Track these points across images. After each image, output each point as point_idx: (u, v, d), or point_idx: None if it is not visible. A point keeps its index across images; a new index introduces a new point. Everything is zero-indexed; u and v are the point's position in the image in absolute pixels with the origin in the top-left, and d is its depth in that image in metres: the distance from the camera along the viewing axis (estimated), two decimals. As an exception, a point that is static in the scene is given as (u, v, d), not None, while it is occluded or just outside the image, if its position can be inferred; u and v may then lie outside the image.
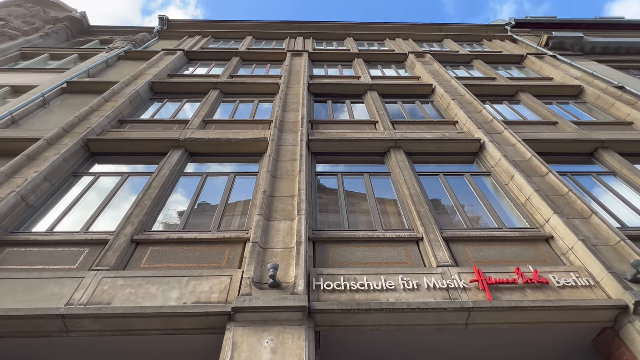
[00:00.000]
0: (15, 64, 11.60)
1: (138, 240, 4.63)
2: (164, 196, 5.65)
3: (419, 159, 6.93)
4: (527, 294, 4.02)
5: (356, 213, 5.61)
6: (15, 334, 3.57)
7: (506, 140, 6.96)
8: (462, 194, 6.08)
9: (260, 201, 4.97)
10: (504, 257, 4.63)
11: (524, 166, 6.12)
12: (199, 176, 6.31)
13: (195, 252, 4.52)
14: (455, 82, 9.69)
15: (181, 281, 3.96)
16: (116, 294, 3.81)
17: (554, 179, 5.69)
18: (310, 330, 3.52)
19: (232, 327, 3.45)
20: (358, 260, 4.53)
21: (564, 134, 7.41)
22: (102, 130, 7.07)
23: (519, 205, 5.63)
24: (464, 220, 5.42)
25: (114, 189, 5.86)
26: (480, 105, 8.26)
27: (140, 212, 5.04)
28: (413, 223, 5.19)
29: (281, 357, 3.21)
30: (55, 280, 3.95)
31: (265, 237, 4.50)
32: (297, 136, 6.88)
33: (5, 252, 4.44)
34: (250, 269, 3.95)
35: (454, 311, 3.74)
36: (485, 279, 4.09)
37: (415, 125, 7.97)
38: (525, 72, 11.96)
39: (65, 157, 6.04)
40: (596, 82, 9.90)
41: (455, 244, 4.82)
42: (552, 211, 4.98)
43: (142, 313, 3.54)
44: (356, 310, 3.67)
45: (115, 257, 4.27)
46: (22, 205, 5.08)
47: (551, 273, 4.27)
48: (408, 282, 4.07)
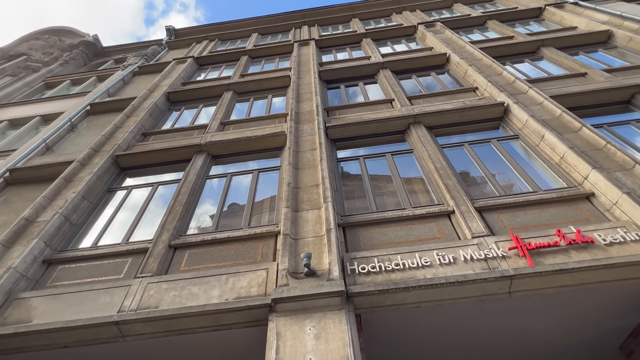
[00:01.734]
0: (41, 94, 12.22)
1: (175, 245, 4.81)
2: (193, 200, 5.83)
3: (440, 131, 6.73)
4: (572, 255, 3.85)
5: (382, 195, 5.55)
6: (77, 343, 3.84)
7: (532, 99, 6.61)
8: (491, 161, 5.87)
9: (286, 193, 5.01)
10: (542, 221, 4.44)
11: (554, 124, 5.80)
12: (224, 177, 6.45)
13: (230, 250, 4.65)
14: (470, 46, 9.27)
15: (220, 279, 4.10)
16: (162, 297, 4.00)
17: (589, 132, 5.37)
18: (351, 314, 3.55)
19: (274, 318, 3.54)
20: (390, 241, 4.50)
21: (595, 84, 6.94)
22: (127, 145, 7.35)
23: (552, 165, 5.37)
24: (495, 188, 5.24)
25: (146, 199, 6.10)
26: (500, 67, 7.88)
27: (174, 218, 5.23)
28: (442, 197, 5.08)
29: (325, 341, 3.27)
30: (105, 290, 4.20)
31: (295, 228, 4.55)
32: (313, 125, 6.86)
33: (58, 270, 4.76)
34: (284, 260, 4.02)
35: (494, 280, 3.65)
36: (524, 245, 3.95)
37: (433, 97, 7.72)
38: (545, 25, 11.25)
39: (98, 175, 6.35)
40: (626, 24, 9.15)
41: (488, 213, 4.67)
42: (590, 166, 4.71)
43: (188, 313, 3.70)
44: (393, 289, 3.66)
45: (156, 263, 4.47)
46: (67, 224, 5.40)
47: (595, 231, 4.06)
48: (443, 256, 4.01)
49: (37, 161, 7.21)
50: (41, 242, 4.90)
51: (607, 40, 9.11)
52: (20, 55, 14.37)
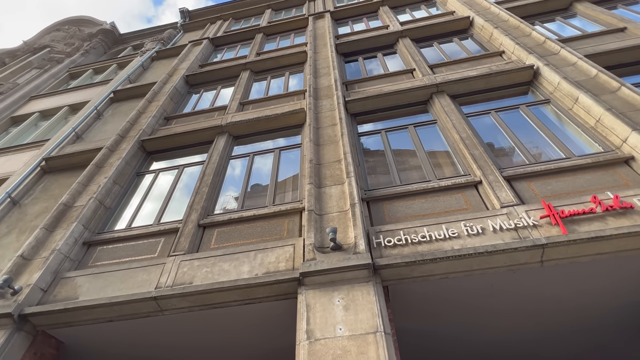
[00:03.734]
0: (67, 85, 12.59)
1: (204, 224, 4.97)
2: (218, 181, 5.95)
3: (465, 99, 6.47)
4: (609, 221, 3.68)
5: (406, 170, 5.45)
6: (120, 317, 4.10)
7: (564, 60, 6.20)
8: (520, 128, 5.61)
9: (308, 170, 5.02)
10: (576, 188, 4.26)
11: (589, 85, 5.44)
12: (246, 157, 6.52)
13: (257, 228, 4.75)
14: (495, 7, 8.71)
15: (249, 255, 4.22)
16: (195, 273, 4.18)
17: (628, 92, 5.00)
18: (378, 286, 3.59)
19: (303, 291, 3.63)
20: (415, 213, 4.46)
21: (636, 39, 6.40)
22: (152, 129, 7.51)
23: (587, 129, 5.07)
24: (525, 156, 5.03)
25: (173, 181, 6.28)
26: (529, 27, 7.39)
27: (201, 199, 5.37)
28: (468, 167, 4.94)
29: (354, 312, 3.33)
30: (142, 269, 4.42)
31: (319, 203, 4.58)
32: (333, 100, 6.75)
33: (97, 251, 5.04)
34: (310, 235, 4.07)
35: (525, 250, 3.57)
36: (557, 213, 3.82)
37: (456, 64, 7.38)
38: (579, -23, 10.36)
39: (127, 160, 6.56)
40: (673, -31, 8.29)
41: (518, 182, 4.52)
42: (630, 128, 4.42)
43: (221, 287, 3.85)
44: (420, 261, 3.65)
45: (187, 242, 4.65)
46: (101, 208, 5.67)
47: (635, 196, 3.85)
48: (471, 227, 3.94)
49: (68, 149, 7.52)
50: (80, 226, 5.18)
51: (650, -10, 8.31)
52: (44, 48, 14.76)
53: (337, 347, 3.13)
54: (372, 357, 3.01)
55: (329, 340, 3.18)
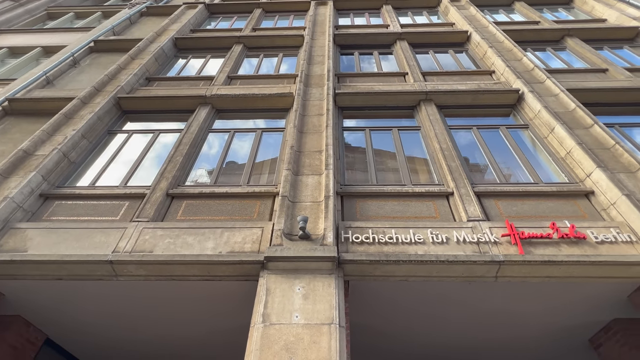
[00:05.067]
0: (43, 24, 11.72)
1: (173, 194, 4.82)
2: (194, 152, 5.78)
3: (451, 111, 6.61)
4: (562, 248, 3.92)
5: (384, 170, 5.53)
6: (71, 277, 3.93)
7: (548, 90, 6.45)
8: (497, 148, 5.82)
9: (288, 156, 4.98)
10: (538, 212, 4.48)
11: (566, 117, 5.71)
12: (227, 132, 6.36)
13: (227, 206, 4.68)
14: (493, 27, 8.90)
15: (215, 232, 4.15)
16: (157, 242, 4.06)
17: (600, 130, 5.30)
18: (340, 279, 3.64)
19: (265, 275, 3.62)
20: (386, 214, 4.54)
21: (614, 82, 6.76)
22: (130, 88, 7.16)
23: (557, 159, 5.34)
24: (497, 175, 5.24)
25: (146, 145, 6.04)
26: (521, 52, 7.61)
27: (173, 168, 5.21)
28: (443, 178, 5.08)
29: (312, 302, 3.38)
30: (101, 230, 4.25)
31: (294, 191, 4.56)
32: (323, 90, 6.69)
33: (54, 205, 4.78)
34: (280, 221, 4.06)
35: (483, 264, 3.73)
36: (517, 233, 4.01)
37: (448, 76, 7.51)
38: (574, 13, 10.78)
39: (99, 115, 6.23)
40: (658, 22, 8.79)
41: (487, 199, 4.70)
42: (595, 165, 4.69)
43: (182, 260, 3.78)
44: (384, 261, 3.74)
45: (153, 210, 4.50)
46: (65, 161, 5.37)
47: (589, 228, 4.11)
48: (437, 235, 4.07)
49: (36, 94, 7.03)
50: (39, 176, 4.88)
51: (634, 38, 8.78)
52: (22, -21, 13.60)
53: (291, 334, 3.16)
54: (324, 347, 3.07)
55: (284, 326, 3.21)
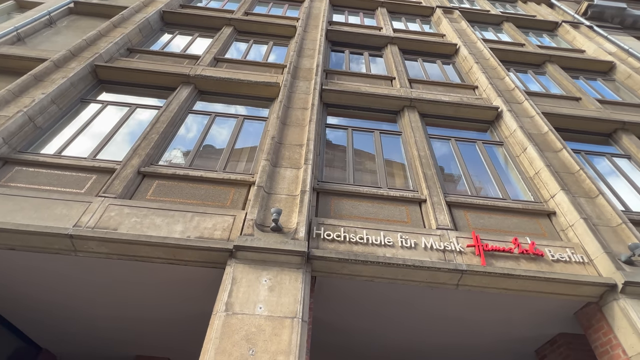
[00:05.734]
0: (19, -24, 10.92)
1: (144, 172, 4.66)
2: (171, 131, 5.60)
3: (432, 121, 6.76)
4: (521, 263, 4.11)
5: (362, 171, 5.58)
6: (26, 248, 3.72)
7: (525, 111, 6.73)
8: (471, 161, 6.01)
9: (268, 147, 4.92)
10: (503, 227, 4.68)
11: (538, 139, 5.97)
12: (208, 115, 6.20)
13: (201, 190, 4.57)
14: (481, 44, 9.16)
15: (185, 216, 4.05)
16: (122, 221, 3.92)
17: (567, 155, 5.58)
18: (307, 274, 3.66)
19: (232, 263, 3.58)
20: (359, 215, 4.60)
21: (586, 111, 7.14)
22: (110, 57, 6.83)
23: (526, 178, 5.58)
24: (469, 187, 5.41)
25: (121, 119, 5.79)
26: (504, 71, 7.88)
27: (148, 145, 5.03)
28: (418, 184, 5.19)
29: (277, 294, 3.37)
30: (64, 202, 4.04)
31: (271, 182, 4.52)
32: (310, 84, 6.65)
33: (14, 170, 4.50)
34: (253, 211, 4.01)
35: (447, 271, 3.86)
36: (482, 245, 4.17)
37: (433, 85, 7.66)
38: (557, 40, 11.26)
39: (73, 81, 5.90)
40: (629, 60, 9.35)
41: (457, 209, 4.85)
42: (559, 187, 4.94)
43: (147, 242, 3.66)
44: (353, 260, 3.78)
45: (121, 186, 4.33)
46: (30, 125, 5.06)
47: (547, 246, 4.34)
48: (406, 240, 4.16)
49: (4, 50, 6.56)
50: (-1, 138, 4.58)
51: (608, 72, 9.30)
52: None
53: (253, 325, 3.15)
54: (285, 340, 3.08)
55: (247, 317, 3.19)
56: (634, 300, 3.76)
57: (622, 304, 3.75)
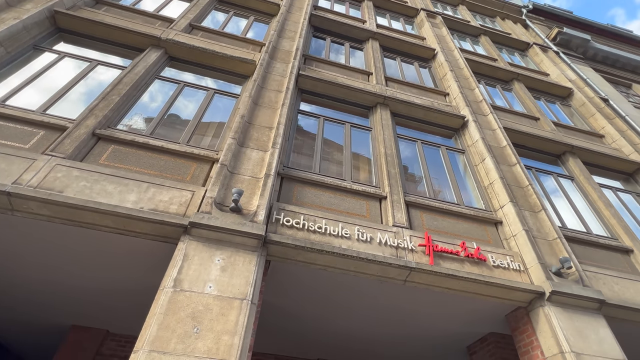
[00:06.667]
0: None
1: (100, 135, 4.37)
2: (134, 95, 5.28)
3: (402, 121, 6.91)
4: (465, 266, 4.38)
5: (329, 161, 5.62)
6: (-47, 201, 3.39)
7: (488, 123, 7.07)
8: (433, 164, 6.25)
9: (236, 125, 4.79)
10: (454, 230, 4.94)
11: (497, 152, 6.32)
12: (176, 84, 5.91)
13: (160, 161, 4.38)
14: (457, 52, 9.44)
15: (141, 186, 3.87)
16: (69, 183, 3.66)
17: (520, 170, 5.96)
18: (262, 258, 3.65)
19: (186, 240, 3.49)
20: (321, 204, 4.64)
21: (542, 131, 7.65)
22: (73, 4, 6.25)
23: (481, 187, 5.90)
24: (428, 189, 5.63)
25: (79, 74, 5.36)
26: (475, 83, 8.20)
27: (106, 106, 4.71)
28: (381, 181, 5.32)
29: (229, 275, 3.34)
30: (3, 156, 3.70)
31: (235, 162, 4.42)
32: (287, 67, 6.53)
33: (-54, 114, 4.04)
34: (214, 189, 3.92)
35: (397, 267, 4.02)
36: (432, 246, 4.38)
37: (408, 87, 7.82)
38: (526, 61, 11.87)
39: (26, 25, 5.35)
40: (586, 89, 10.08)
41: (414, 209, 5.04)
42: (509, 199, 5.28)
43: (96, 208, 3.46)
44: (309, 248, 3.83)
45: (72, 147, 4.04)
46: (-30, 66, 4.54)
47: (490, 252, 4.65)
48: (363, 233, 4.27)
49: (-53, -24, 5.78)
50: None
51: (566, 97, 9.98)
52: None
53: (200, 303, 3.10)
54: (231, 321, 3.07)
55: (195, 295, 3.14)
56: (557, 308, 4.16)
57: (547, 310, 4.13)
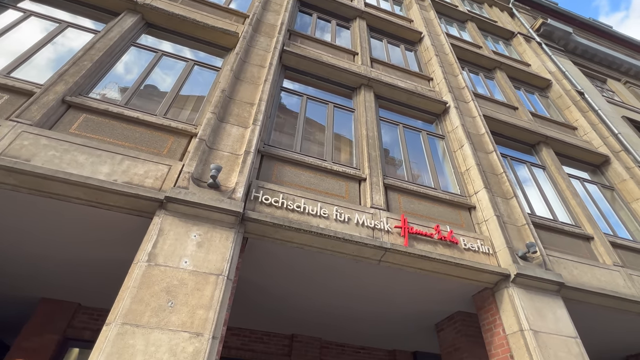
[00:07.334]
0: None
1: (70, 102, 4.15)
2: (108, 62, 5.01)
3: (385, 104, 6.91)
4: (438, 248, 4.53)
5: (310, 141, 5.58)
6: None
7: (469, 110, 7.17)
8: (413, 149, 6.32)
9: (217, 99, 4.66)
10: (429, 214, 5.07)
11: (475, 139, 6.45)
12: (153, 52, 5.64)
13: (135, 133, 4.22)
14: (444, 37, 9.42)
15: (114, 158, 3.73)
16: (37, 152, 3.49)
17: (496, 158, 6.13)
18: (239, 235, 3.65)
19: (161, 214, 3.43)
20: (300, 184, 4.64)
21: (519, 121, 7.84)
22: (40, -42, 5.76)
23: (458, 173, 6.05)
24: (406, 172, 5.72)
25: (47, 36, 5.02)
26: (459, 69, 8.25)
27: (77, 72, 4.45)
28: (361, 163, 5.35)
29: (206, 251, 3.33)
30: (-37, 120, 3.47)
31: (214, 137, 4.33)
32: (271, 41, 6.34)
33: None
34: (191, 164, 3.83)
35: (372, 248, 4.12)
36: (407, 228, 4.50)
37: (393, 69, 7.78)
38: (510, 50, 12.00)
39: (-13, -23, 4.92)
40: (564, 82, 10.35)
41: (392, 192, 5.12)
42: (483, 185, 5.45)
43: (65, 179, 3.32)
44: (287, 227, 3.85)
45: (40, 113, 3.82)
46: None
47: (462, 236, 4.82)
48: (341, 214, 4.32)
49: None
50: None
51: (545, 88, 10.22)
52: None
53: (175, 278, 3.09)
54: (207, 295, 3.08)
55: (170, 269, 3.12)
56: (520, 289, 4.40)
57: (511, 291, 4.37)
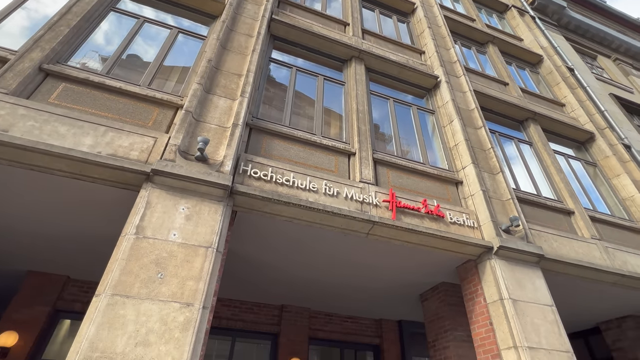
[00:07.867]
0: None
1: (48, 70, 3.96)
2: (87, 28, 4.76)
3: (376, 77, 6.81)
4: (424, 221, 4.62)
5: (299, 115, 5.50)
6: None
7: (460, 85, 7.12)
8: (403, 123, 6.30)
9: (203, 70, 4.51)
10: (417, 188, 5.14)
11: (464, 115, 6.45)
12: (135, 18, 5.37)
13: (119, 104, 4.08)
14: (437, 9, 9.19)
15: (97, 129, 3.62)
16: (15, 122, 3.36)
17: (484, 133, 6.17)
18: (228, 208, 3.64)
19: (148, 187, 3.38)
20: (290, 158, 4.61)
21: (509, 97, 7.85)
22: None
23: (447, 148, 6.08)
24: (395, 147, 5.73)
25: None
26: (451, 43, 8.11)
27: (54, 38, 4.22)
28: (351, 137, 5.32)
29: (194, 224, 3.33)
30: None
31: (201, 109, 4.22)
32: (259, 9, 6.09)
33: None
34: (178, 136, 3.76)
35: (361, 221, 4.17)
36: (395, 202, 4.56)
37: (384, 42, 7.61)
38: (503, 24, 11.82)
39: None
40: (555, 57, 10.31)
41: (381, 166, 5.15)
42: (471, 161, 5.50)
43: (47, 150, 3.23)
44: (276, 200, 3.85)
45: (16, 82, 3.65)
46: None
47: (449, 210, 4.92)
48: (330, 188, 4.34)
49: None
50: None
51: (536, 64, 10.18)
52: None
53: (164, 250, 3.10)
54: (196, 267, 3.11)
55: (158, 242, 3.12)
56: (502, 261, 4.56)
57: (493, 263, 4.53)
